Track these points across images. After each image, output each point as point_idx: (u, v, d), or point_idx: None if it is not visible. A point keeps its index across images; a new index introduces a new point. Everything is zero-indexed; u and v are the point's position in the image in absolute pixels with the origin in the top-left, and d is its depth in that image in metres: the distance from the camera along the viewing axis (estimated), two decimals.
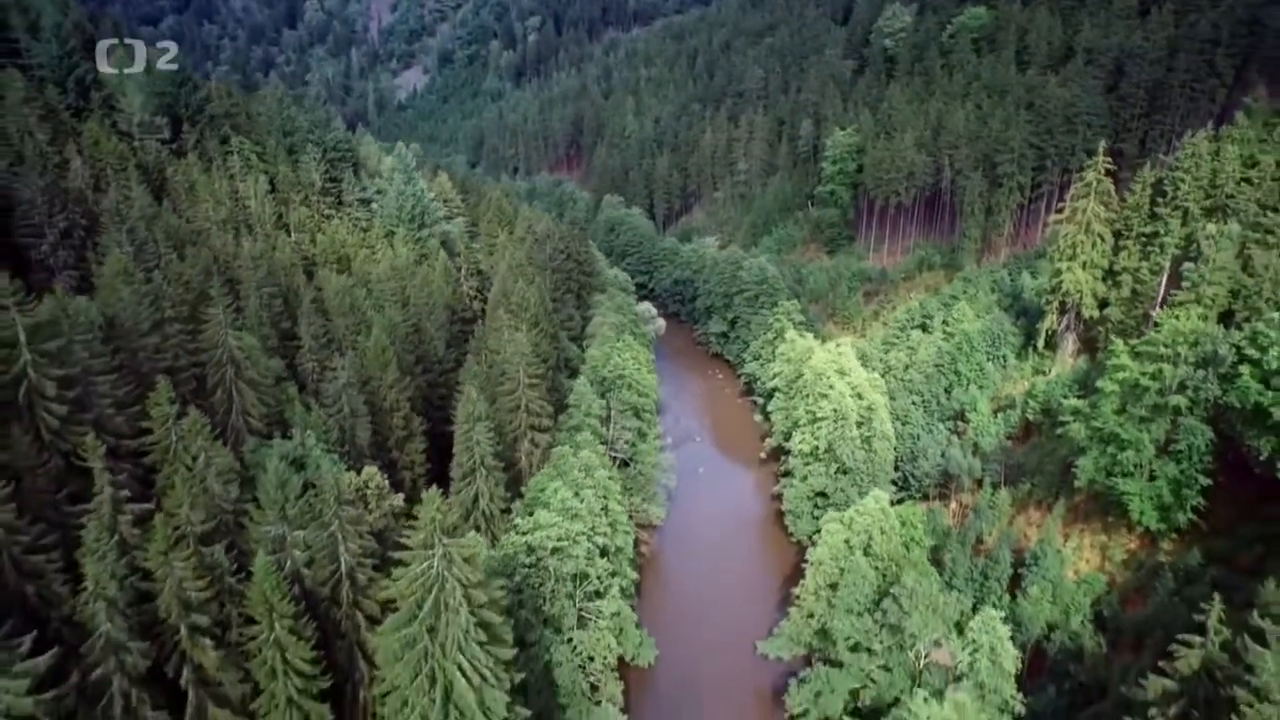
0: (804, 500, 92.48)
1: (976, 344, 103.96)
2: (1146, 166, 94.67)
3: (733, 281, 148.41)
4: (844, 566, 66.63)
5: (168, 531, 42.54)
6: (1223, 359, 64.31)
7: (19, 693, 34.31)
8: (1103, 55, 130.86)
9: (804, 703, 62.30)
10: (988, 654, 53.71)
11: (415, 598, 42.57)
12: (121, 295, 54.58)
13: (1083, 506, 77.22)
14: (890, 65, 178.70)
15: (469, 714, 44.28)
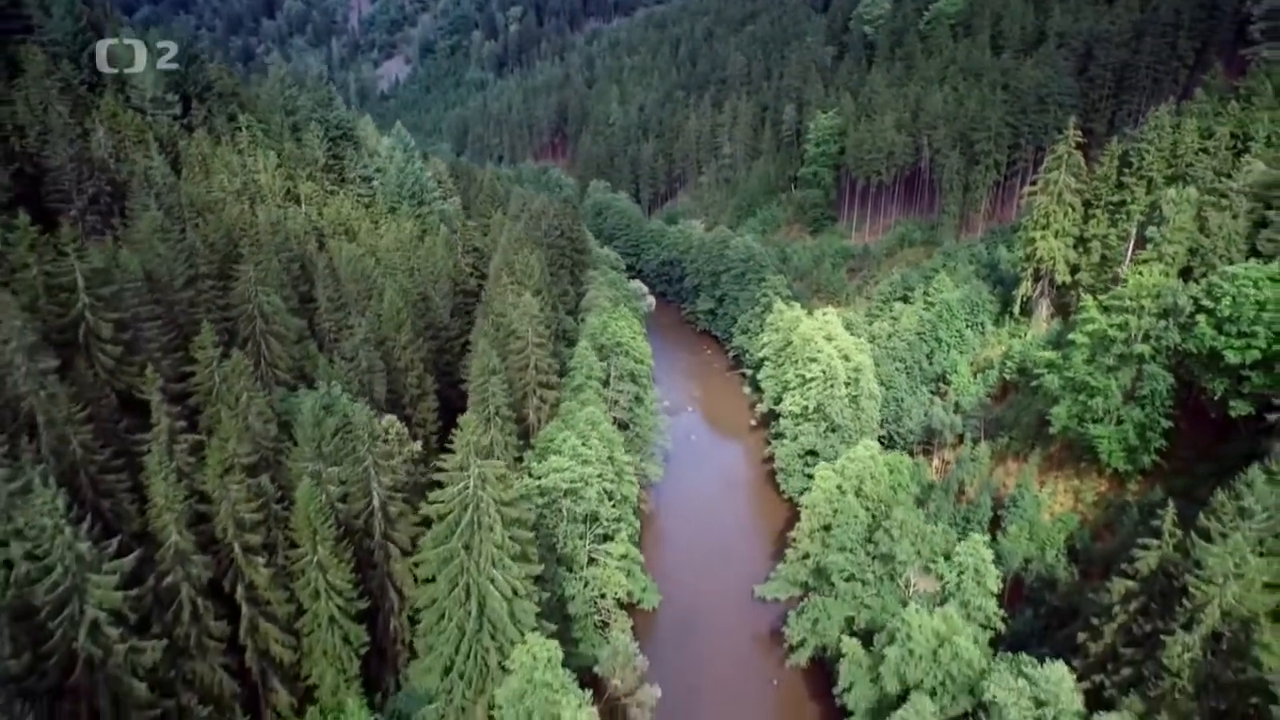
0: (795, 458, 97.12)
1: (956, 312, 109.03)
2: (1114, 141, 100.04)
3: (720, 260, 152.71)
4: (837, 508, 71.23)
5: (220, 458, 46.09)
6: (1182, 309, 69.60)
7: (109, 587, 37.96)
8: (1073, 39, 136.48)
9: (802, 632, 66.88)
10: (972, 575, 58.53)
11: (453, 516, 46.49)
12: (159, 251, 57.76)
13: (1057, 455, 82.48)
14: (870, 51, 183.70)
15: (500, 625, 48.32)
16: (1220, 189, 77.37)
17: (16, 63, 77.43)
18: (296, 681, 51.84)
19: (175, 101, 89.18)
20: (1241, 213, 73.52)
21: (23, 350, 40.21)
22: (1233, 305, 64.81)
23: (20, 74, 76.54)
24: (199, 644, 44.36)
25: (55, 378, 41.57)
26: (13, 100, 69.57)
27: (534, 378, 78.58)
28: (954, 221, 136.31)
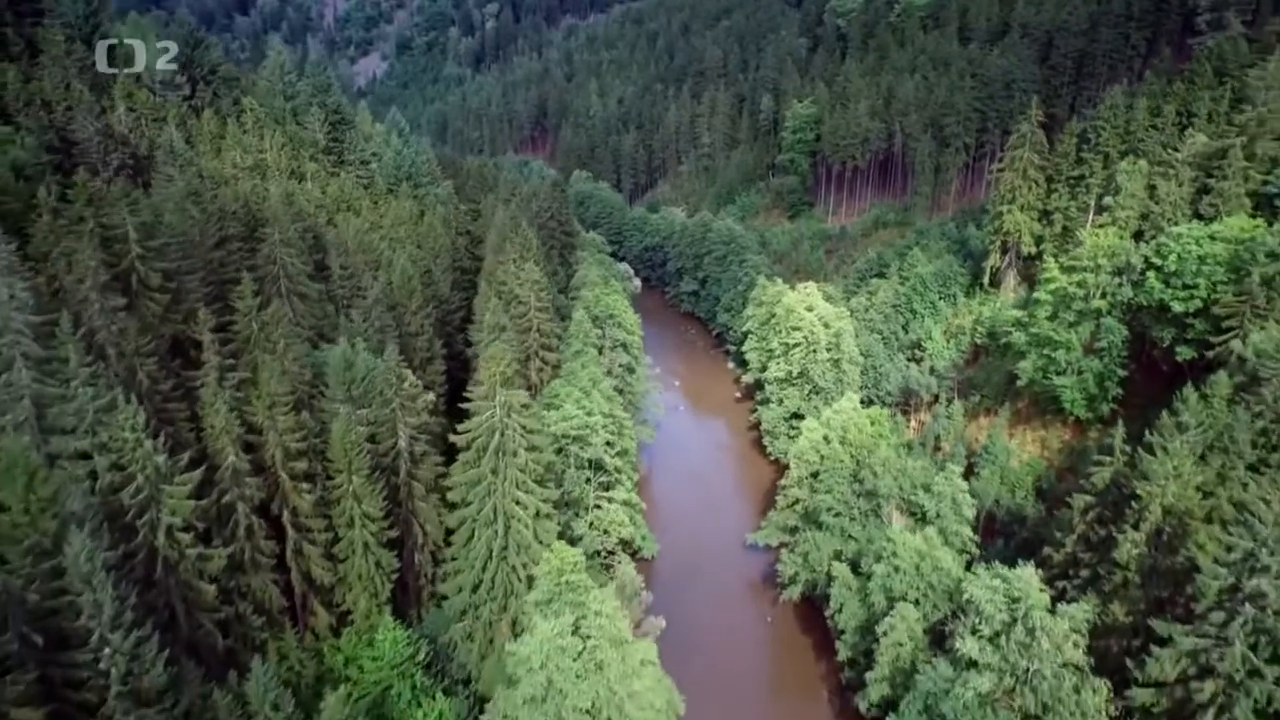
0: (780, 421, 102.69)
1: (929, 284, 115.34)
2: (1073, 121, 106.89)
3: (702, 243, 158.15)
4: (824, 455, 76.77)
5: (266, 392, 50.36)
6: (1134, 267, 76.26)
7: (181, 497, 42.25)
8: (1035, 30, 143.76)
9: (794, 566, 72.29)
10: (950, 503, 64.30)
11: (480, 442, 51.18)
12: (193, 214, 61.71)
13: (1025, 410, 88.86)
14: (843, 43, 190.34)
15: (525, 544, 53.08)
16: (1167, 160, 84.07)
17: (34, 44, 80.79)
18: (334, 606, 56.21)
19: (184, 83, 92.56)
20: (1185, 180, 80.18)
21: (96, 288, 44.29)
22: (1178, 261, 71.39)
23: (39, 54, 79.94)
24: (253, 560, 48.68)
25: (123, 314, 45.66)
26: (40, 78, 72.87)
27: (536, 340, 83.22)
28: (926, 202, 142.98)
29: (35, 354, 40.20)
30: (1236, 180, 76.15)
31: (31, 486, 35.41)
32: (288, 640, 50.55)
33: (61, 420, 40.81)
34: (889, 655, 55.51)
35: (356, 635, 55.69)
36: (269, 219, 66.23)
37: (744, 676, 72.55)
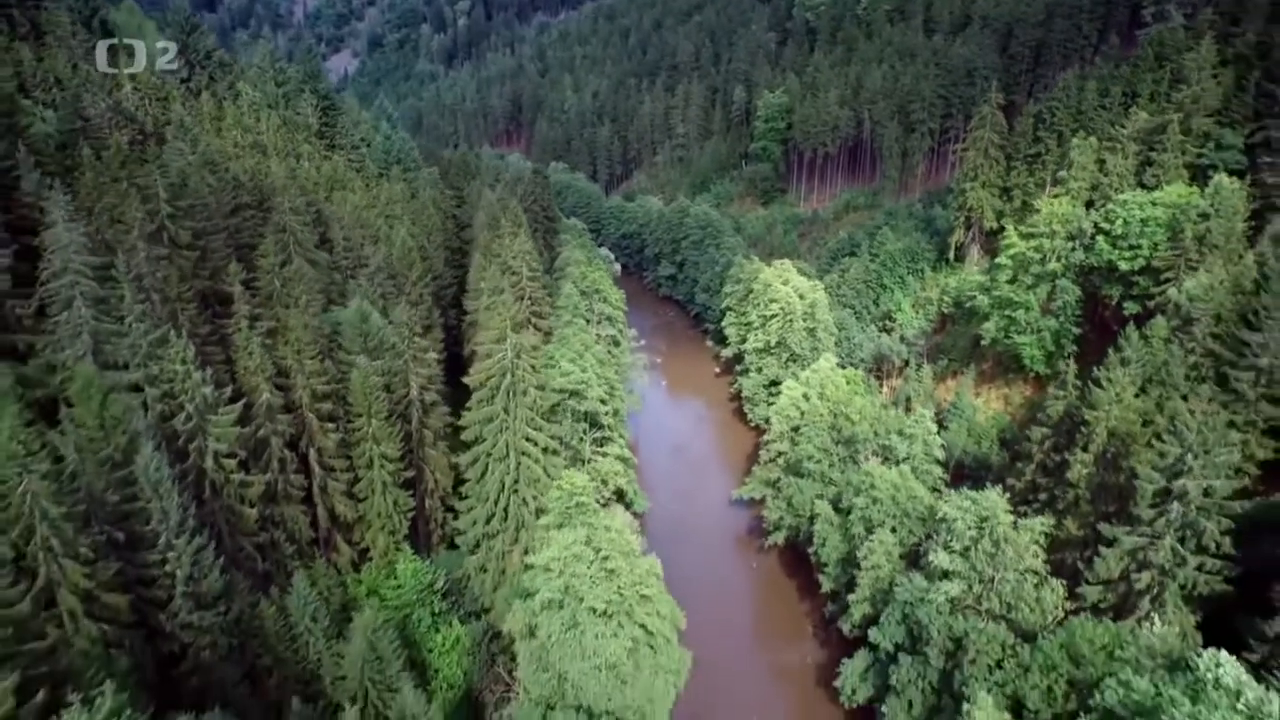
0: (760, 389, 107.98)
1: (898, 260, 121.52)
2: (1030, 103, 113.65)
3: (679, 228, 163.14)
4: (803, 410, 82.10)
5: (293, 338, 54.34)
6: (1085, 232, 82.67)
7: (226, 425, 46.19)
8: (995, 21, 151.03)
9: (779, 510, 77.45)
10: (921, 444, 69.90)
11: (493, 381, 55.59)
12: (209, 182, 65.27)
13: (989, 370, 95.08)
14: (812, 36, 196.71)
15: (535, 478, 57.55)
16: (1114, 136, 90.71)
17: (38, 25, 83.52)
18: (354, 544, 60.23)
19: (181, 66, 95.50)
20: (1130, 154, 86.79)
21: (143, 237, 48.01)
22: (1124, 225, 77.92)
23: (43, 36, 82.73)
24: (285, 492, 52.63)
25: (165, 261, 49.42)
26: (48, 58, 75.74)
27: (528, 308, 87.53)
28: (894, 185, 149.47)
29: (93, 293, 43.94)
30: (1175, 153, 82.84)
31: (104, 406, 39.27)
32: (317, 568, 54.51)
33: (117, 354, 44.57)
34: (869, 578, 60.82)
35: (376, 569, 59.83)
36: (277, 189, 69.87)
37: (733, 619, 77.55)
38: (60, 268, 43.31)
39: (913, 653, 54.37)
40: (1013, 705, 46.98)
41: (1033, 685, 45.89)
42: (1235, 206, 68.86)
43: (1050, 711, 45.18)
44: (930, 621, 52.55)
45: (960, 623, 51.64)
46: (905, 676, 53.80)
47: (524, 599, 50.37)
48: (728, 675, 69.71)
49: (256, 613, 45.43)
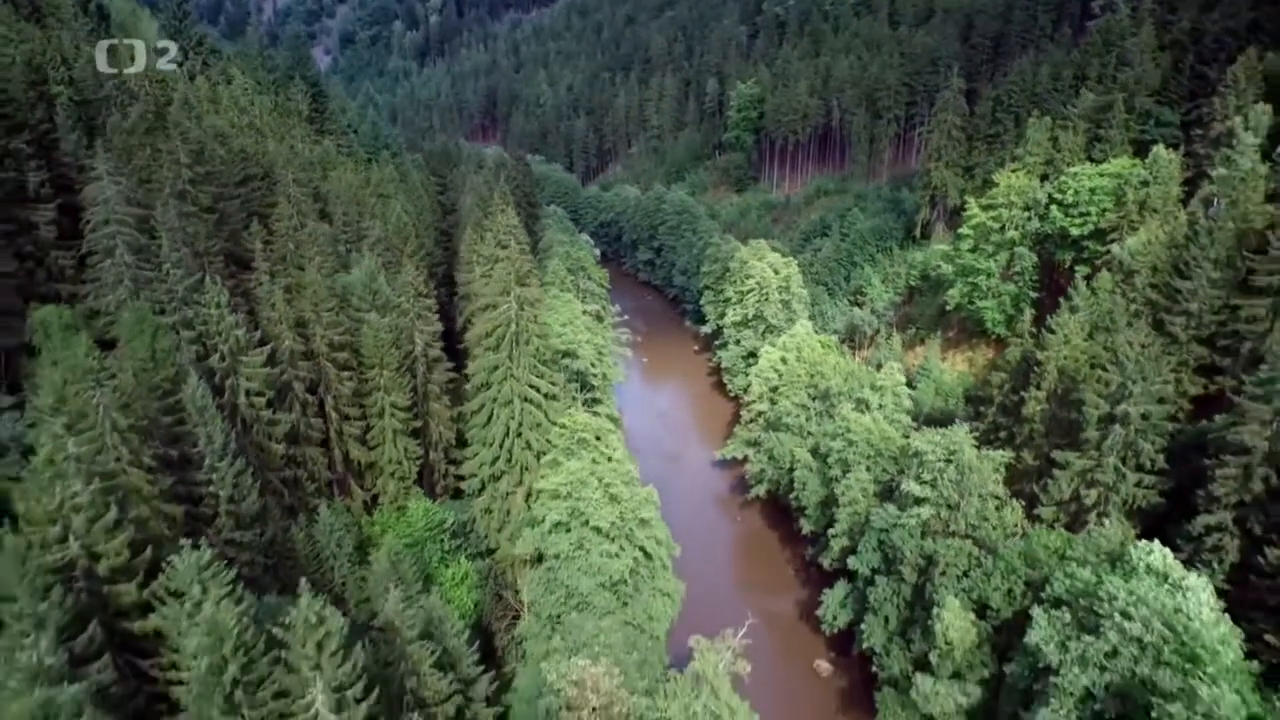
0: (738, 360, 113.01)
1: (868, 239, 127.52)
2: (990, 89, 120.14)
3: (656, 214, 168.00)
4: (781, 372, 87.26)
5: (310, 293, 58.16)
6: (1040, 202, 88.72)
7: (256, 365, 49.99)
8: (957, 13, 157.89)
9: (760, 464, 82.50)
10: (891, 395, 75.31)
11: (499, 332, 59.81)
12: (220, 154, 68.71)
13: (954, 336, 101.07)
14: (782, 29, 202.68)
15: (537, 421, 61.84)
16: (1066, 115, 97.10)
17: (39, 8, 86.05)
18: (366, 489, 64.11)
19: (177, 51, 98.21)
20: (1080, 131, 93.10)
21: (175, 194, 51.61)
22: (1075, 195, 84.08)
23: (44, 18, 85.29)
24: (306, 434, 56.45)
25: (195, 217, 53.04)
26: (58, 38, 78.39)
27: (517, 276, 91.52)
28: (863, 171, 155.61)
29: (135, 242, 47.56)
30: (1120, 129, 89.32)
31: (154, 339, 43.01)
32: (335, 506, 58.36)
33: (155, 299, 48.20)
34: (846, 513, 66.00)
35: (387, 513, 63.75)
36: (279, 163, 73.38)
37: (719, 567, 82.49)
38: (104, 219, 46.90)
39: (888, 574, 59.56)
40: (978, 608, 52.35)
41: (994, 588, 51.29)
42: (1171, 174, 75.21)
43: (1010, 609, 50.60)
44: (903, 544, 57.75)
45: (930, 544, 56.88)
46: (881, 595, 58.99)
47: (533, 526, 54.68)
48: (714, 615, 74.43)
49: (288, 537, 49.37)
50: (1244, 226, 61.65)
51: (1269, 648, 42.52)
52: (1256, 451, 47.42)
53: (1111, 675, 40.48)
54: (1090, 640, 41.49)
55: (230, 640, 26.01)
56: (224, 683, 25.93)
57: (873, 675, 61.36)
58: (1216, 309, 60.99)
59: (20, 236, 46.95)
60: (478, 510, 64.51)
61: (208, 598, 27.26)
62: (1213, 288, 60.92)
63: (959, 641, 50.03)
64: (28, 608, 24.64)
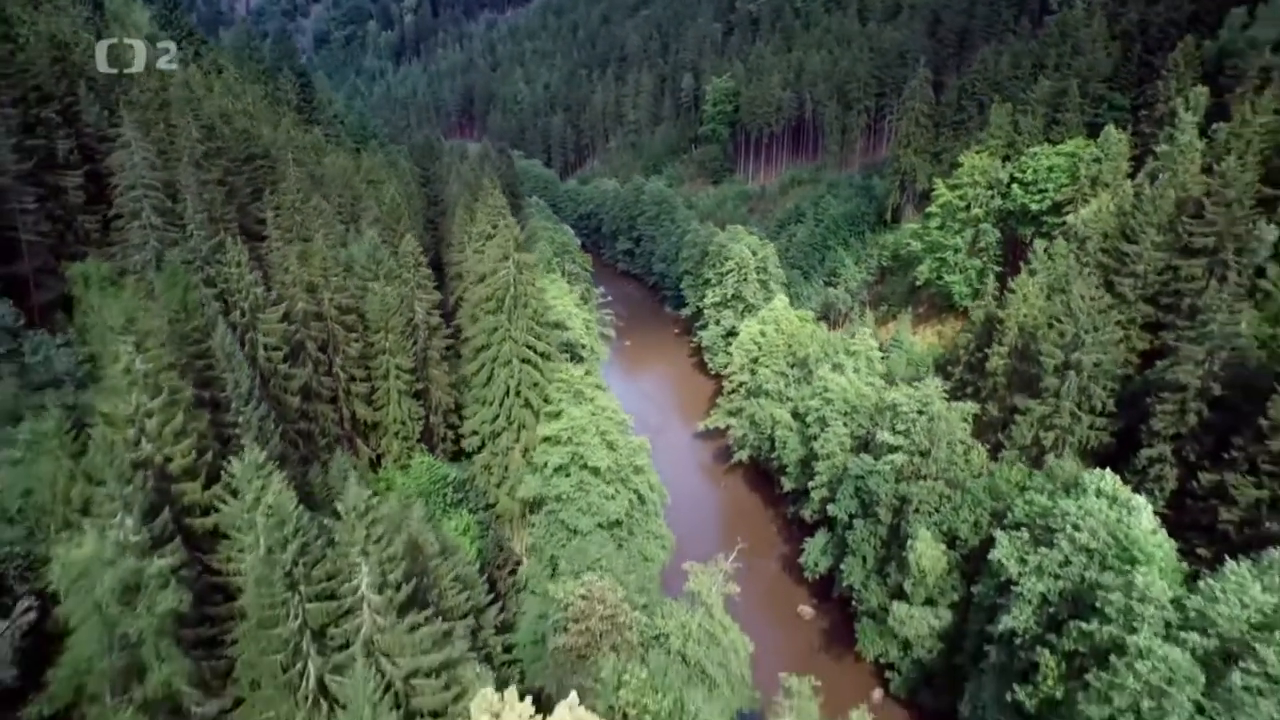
0: (718, 339, 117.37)
1: (841, 224, 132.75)
2: (954, 73, 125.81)
3: (635, 205, 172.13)
4: (760, 343, 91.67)
5: (318, 260, 61.41)
6: (1002, 181, 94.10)
7: (273, 321, 53.24)
8: (924, 8, 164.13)
9: (742, 429, 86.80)
10: (865, 360, 79.96)
11: (499, 294, 63.44)
12: (226, 132, 71.66)
13: (924, 312, 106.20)
14: (755, 26, 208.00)
15: (534, 380, 65.52)
16: (1026, 100, 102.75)
17: None
18: (372, 448, 67.35)
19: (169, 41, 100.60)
20: (1039, 115, 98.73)
21: (193, 162, 54.70)
22: (1034, 173, 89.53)
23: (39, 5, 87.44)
24: (317, 390, 59.63)
25: (212, 184, 56.12)
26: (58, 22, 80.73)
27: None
28: (835, 160, 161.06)
29: (160, 205, 50.63)
30: (1075, 112, 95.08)
31: (186, 292, 46.19)
32: (346, 460, 61.53)
33: (179, 258, 51.25)
34: (825, 466, 70.41)
35: (391, 471, 67.04)
36: (278, 144, 76.39)
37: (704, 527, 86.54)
38: (131, 183, 49.93)
39: (865, 517, 63.99)
40: (947, 539, 56.93)
41: (962, 520, 55.91)
42: (1121, 151, 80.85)
43: (977, 538, 55.21)
44: (879, 488, 62.20)
45: (905, 487, 61.38)
46: (859, 537, 63.43)
47: (535, 472, 58.40)
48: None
49: (306, 480, 52.64)
50: (1183, 195, 66.98)
51: (1201, 560, 47.34)
52: (1190, 389, 52.51)
53: (1064, 582, 45.13)
54: (1046, 552, 46.14)
55: (290, 522, 29.58)
56: (284, 561, 29.46)
57: (852, 614, 65.85)
58: (1160, 270, 66.18)
59: (50, 201, 49.74)
60: (478, 467, 68.00)
61: (266, 492, 30.78)
62: (1156, 251, 66.14)
63: (931, 569, 54.54)
64: (115, 492, 28.03)
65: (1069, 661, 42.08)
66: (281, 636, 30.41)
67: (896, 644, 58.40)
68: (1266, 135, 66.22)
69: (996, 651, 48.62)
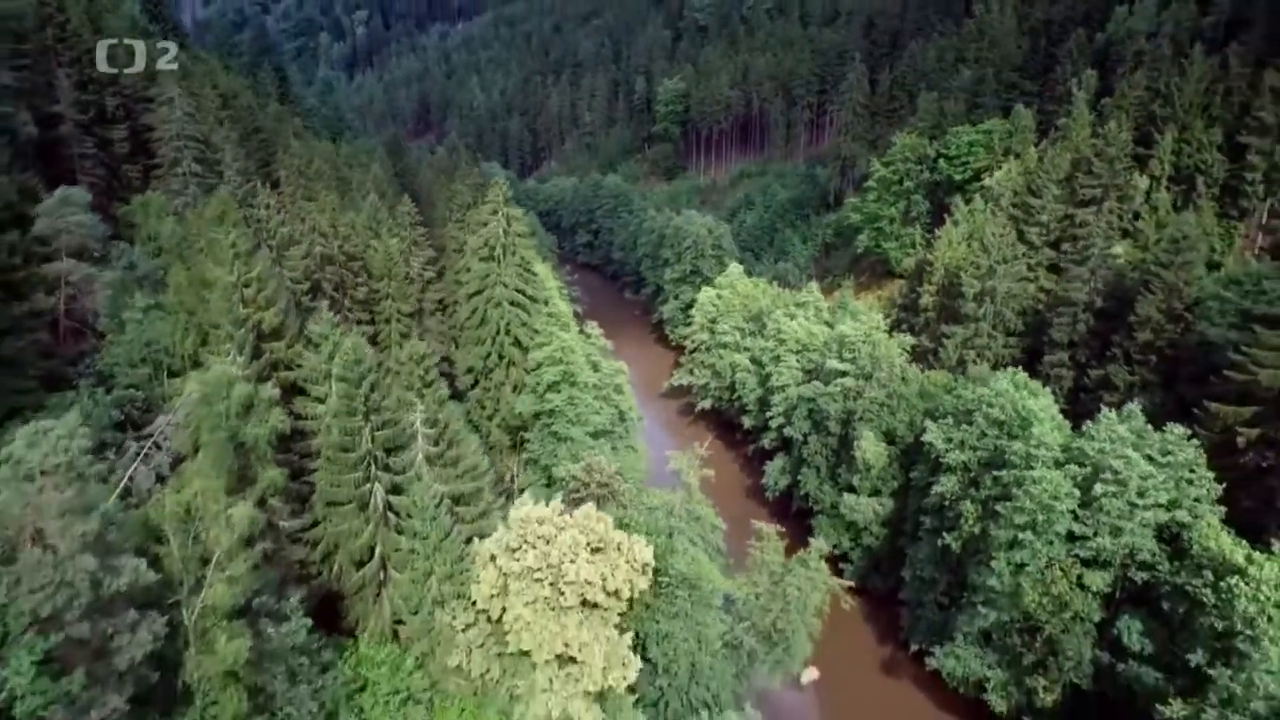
0: (678, 312, 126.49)
1: (788, 208, 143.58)
2: (887, 70, 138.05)
3: (594, 199, 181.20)
4: (718, 305, 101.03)
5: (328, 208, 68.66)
6: (931, 157, 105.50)
7: (297, 258, 60.39)
8: (859, 13, 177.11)
9: (705, 377, 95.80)
10: (813, 309, 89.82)
11: (488, 245, 71.35)
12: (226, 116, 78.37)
13: (865, 280, 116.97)
14: (703, 32, 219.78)
15: (523, 320, 73.49)
16: (950, 88, 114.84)
17: None
18: None
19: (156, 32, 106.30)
20: (961, 100, 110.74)
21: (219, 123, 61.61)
22: (957, 149, 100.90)
23: None
24: None
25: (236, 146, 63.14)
26: None
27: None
28: (780, 153, 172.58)
29: (200, 154, 57.55)
30: (991, 97, 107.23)
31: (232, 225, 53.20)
32: None
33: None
34: (780, 397, 79.67)
35: None
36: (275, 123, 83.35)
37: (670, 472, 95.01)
38: (175, 134, 56.80)
39: (817, 433, 73.31)
40: (887, 438, 66.45)
41: (900, 420, 65.51)
42: (1028, 126, 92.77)
43: (911, 435, 64.80)
44: (829, 407, 71.62)
45: (851, 403, 70.89)
46: (813, 449, 72.68)
47: (530, 391, 66.27)
48: None
49: None
50: (1076, 156, 78.51)
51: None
52: (1079, 303, 63.21)
53: (980, 452, 54.84)
54: (966, 429, 55.86)
55: (365, 361, 37.29)
56: (361, 393, 37.13)
57: (809, 529, 74.91)
58: (1060, 219, 77.39)
59: (101, 151, 56.15)
60: (472, 402, 75.49)
61: (343, 341, 38.45)
62: (1056, 203, 77.39)
63: (875, 462, 64.00)
64: (228, 334, 35.42)
65: (984, 506, 51.70)
66: (354, 458, 38.04)
67: (849, 534, 67.58)
68: (1138, 106, 78.23)
69: (930, 519, 58.15)
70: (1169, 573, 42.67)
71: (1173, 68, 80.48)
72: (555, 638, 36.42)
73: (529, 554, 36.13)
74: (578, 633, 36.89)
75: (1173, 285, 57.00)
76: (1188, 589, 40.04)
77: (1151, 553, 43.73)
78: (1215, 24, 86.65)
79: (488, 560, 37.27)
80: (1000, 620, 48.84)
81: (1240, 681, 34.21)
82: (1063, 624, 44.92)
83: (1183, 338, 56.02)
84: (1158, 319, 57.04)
